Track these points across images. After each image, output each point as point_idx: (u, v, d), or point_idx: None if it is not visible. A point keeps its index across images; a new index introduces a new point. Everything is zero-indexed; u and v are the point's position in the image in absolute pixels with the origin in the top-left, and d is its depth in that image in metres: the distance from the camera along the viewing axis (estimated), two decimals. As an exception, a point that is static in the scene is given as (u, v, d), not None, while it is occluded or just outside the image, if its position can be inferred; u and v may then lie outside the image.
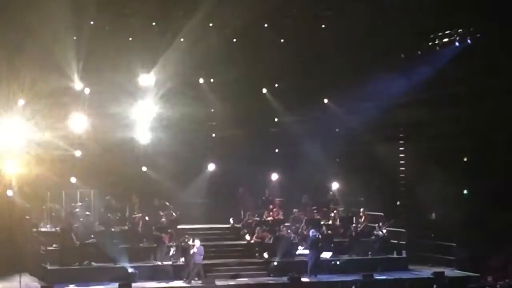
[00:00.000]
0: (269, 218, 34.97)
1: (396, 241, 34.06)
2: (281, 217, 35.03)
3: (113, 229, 32.70)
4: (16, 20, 30.04)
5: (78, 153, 33.82)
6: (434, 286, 28.36)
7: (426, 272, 31.98)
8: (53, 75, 31.51)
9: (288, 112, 37.06)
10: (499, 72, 31.25)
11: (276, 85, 36.78)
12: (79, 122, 33.41)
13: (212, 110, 36.52)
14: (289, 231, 33.61)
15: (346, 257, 33.24)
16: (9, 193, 31.99)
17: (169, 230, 32.12)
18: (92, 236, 32.04)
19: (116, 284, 28.59)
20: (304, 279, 30.72)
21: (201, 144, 36.62)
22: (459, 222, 33.46)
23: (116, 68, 32.56)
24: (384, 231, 33.82)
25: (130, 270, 30.25)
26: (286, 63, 34.62)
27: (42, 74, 30.99)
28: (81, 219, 32.70)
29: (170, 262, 31.08)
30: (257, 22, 33.43)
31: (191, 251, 30.19)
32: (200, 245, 30.46)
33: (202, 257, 30.34)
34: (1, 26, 29.91)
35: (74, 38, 31.58)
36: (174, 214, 33.63)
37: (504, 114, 31.81)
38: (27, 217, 32.35)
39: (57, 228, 32.23)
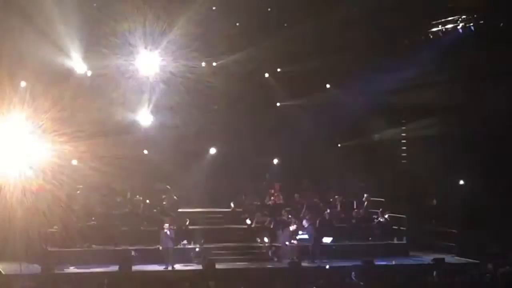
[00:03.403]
0: (269, 203, 35.01)
1: (396, 227, 34.12)
2: (281, 201, 35.05)
3: (114, 212, 32.73)
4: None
5: (79, 135, 33.65)
6: (434, 272, 28.31)
7: (427, 258, 32.01)
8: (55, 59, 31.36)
9: (290, 97, 37.00)
10: (502, 58, 31.18)
11: (279, 70, 36.64)
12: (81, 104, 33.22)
13: (214, 94, 36.37)
14: (289, 215, 33.63)
15: (346, 242, 33.30)
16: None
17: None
18: (93, 218, 32.08)
19: (117, 267, 28.62)
20: (304, 264, 30.75)
21: (203, 127, 36.50)
22: (459, 209, 33.53)
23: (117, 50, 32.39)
24: (386, 216, 33.87)
25: (130, 253, 30.29)
26: (288, 47, 34.47)
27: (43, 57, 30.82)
28: (82, 201, 32.72)
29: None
30: (261, 5, 33.30)
31: (162, 235, 30.19)
32: (170, 228, 30.37)
33: (172, 241, 30.26)
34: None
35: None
36: (175, 197, 33.65)
37: (506, 99, 31.80)
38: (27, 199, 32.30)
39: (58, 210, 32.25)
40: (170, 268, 29.77)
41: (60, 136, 31.11)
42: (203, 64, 35.36)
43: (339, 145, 37.86)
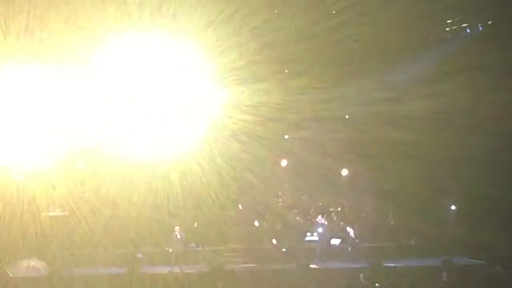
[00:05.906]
0: (278, 204, 34.98)
1: (405, 229, 34.01)
2: (290, 203, 35.01)
3: (121, 214, 32.74)
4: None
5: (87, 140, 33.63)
6: (443, 274, 28.27)
7: (436, 259, 31.90)
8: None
9: (298, 97, 36.88)
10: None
11: (286, 71, 36.54)
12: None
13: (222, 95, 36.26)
14: (298, 217, 33.61)
15: (355, 244, 33.22)
16: (18, 177, 32.01)
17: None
18: (101, 221, 32.07)
19: (125, 269, 28.63)
20: (312, 266, 30.72)
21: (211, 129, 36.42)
22: (469, 210, 33.45)
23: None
24: (394, 217, 33.84)
25: (138, 255, 30.29)
26: (296, 48, 34.40)
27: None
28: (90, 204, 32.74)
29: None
30: (267, 8, 33.22)
31: (173, 238, 30.12)
32: (180, 231, 30.32)
33: (182, 244, 30.25)
34: None
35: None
36: (182, 200, 33.61)
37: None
38: (36, 201, 32.36)
39: (66, 213, 32.28)
40: (178, 270, 29.72)
41: None
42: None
43: (348, 146, 37.69)
